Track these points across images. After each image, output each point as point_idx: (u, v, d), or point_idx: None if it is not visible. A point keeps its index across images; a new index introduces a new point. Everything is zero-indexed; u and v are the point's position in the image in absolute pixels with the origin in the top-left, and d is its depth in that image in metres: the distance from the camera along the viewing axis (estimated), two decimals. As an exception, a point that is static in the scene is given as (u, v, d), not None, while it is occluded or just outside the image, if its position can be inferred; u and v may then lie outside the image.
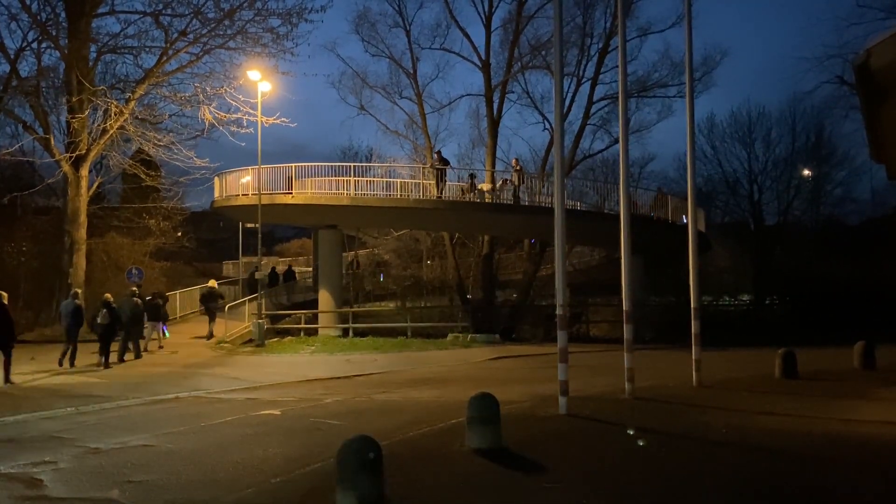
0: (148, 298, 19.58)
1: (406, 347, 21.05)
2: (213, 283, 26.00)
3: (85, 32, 22.88)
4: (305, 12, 22.75)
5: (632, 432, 7.71)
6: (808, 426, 8.09)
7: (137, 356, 17.66)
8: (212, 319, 22.98)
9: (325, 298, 27.31)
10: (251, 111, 22.95)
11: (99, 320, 16.44)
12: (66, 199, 23.50)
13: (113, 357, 16.65)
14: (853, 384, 11.45)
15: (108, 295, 17.43)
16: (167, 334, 21.19)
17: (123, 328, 17.20)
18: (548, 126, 33.57)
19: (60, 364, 15.71)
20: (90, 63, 23.54)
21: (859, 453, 6.76)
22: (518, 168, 26.54)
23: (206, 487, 6.11)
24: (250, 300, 25.45)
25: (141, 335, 18.53)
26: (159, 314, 20.16)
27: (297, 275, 40.47)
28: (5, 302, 13.36)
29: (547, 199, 25.61)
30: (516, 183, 25.82)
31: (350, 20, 53.19)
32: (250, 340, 22.22)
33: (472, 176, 26.64)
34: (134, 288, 19.53)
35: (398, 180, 26.50)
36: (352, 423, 8.76)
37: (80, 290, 18.49)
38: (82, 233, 23.36)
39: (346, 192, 25.30)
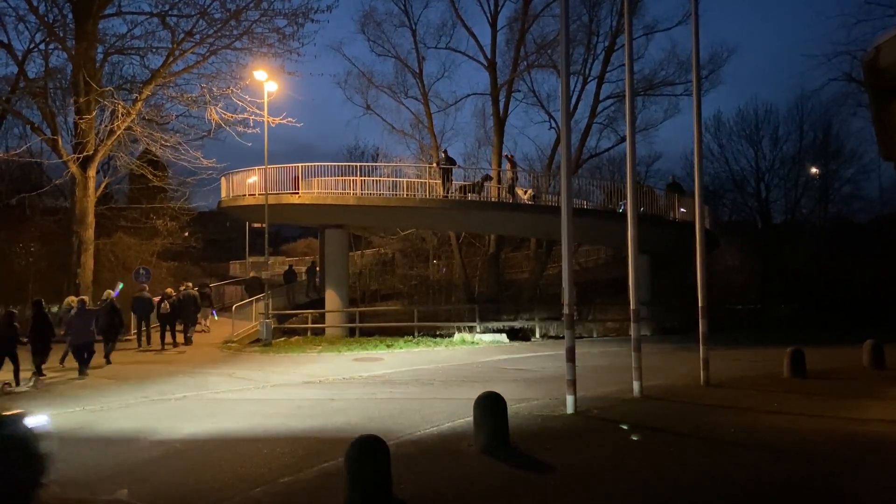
0: (195, 289, 22.99)
1: (413, 347, 21.05)
2: (252, 274, 27.80)
3: (92, 33, 22.92)
4: (311, 12, 22.71)
5: (625, 427, 7.69)
6: (817, 425, 8.05)
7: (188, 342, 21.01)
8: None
9: (331, 298, 27.33)
10: (257, 111, 22.97)
11: (161, 310, 20.02)
12: (74, 200, 23.57)
13: (178, 338, 20.54)
14: (862, 383, 11.39)
15: (169, 290, 21.35)
16: (216, 317, 24.69)
17: (185, 317, 20.94)
18: (554, 125, 33.62)
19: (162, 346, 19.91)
20: (97, 64, 23.59)
21: (869, 453, 6.72)
22: (511, 161, 26.35)
23: (214, 487, 6.13)
24: (257, 300, 25.51)
25: (196, 321, 22.17)
26: (210, 302, 24.58)
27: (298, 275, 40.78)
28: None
29: (553, 198, 25.56)
30: (510, 177, 25.70)
31: (356, 20, 53.37)
32: (258, 340, 22.26)
33: (486, 178, 26.53)
34: (189, 283, 23.19)
35: (404, 180, 26.46)
36: (359, 423, 8.76)
37: (147, 287, 21.32)
38: (90, 233, 23.43)
39: (352, 191, 25.31)
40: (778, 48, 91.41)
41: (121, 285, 20.11)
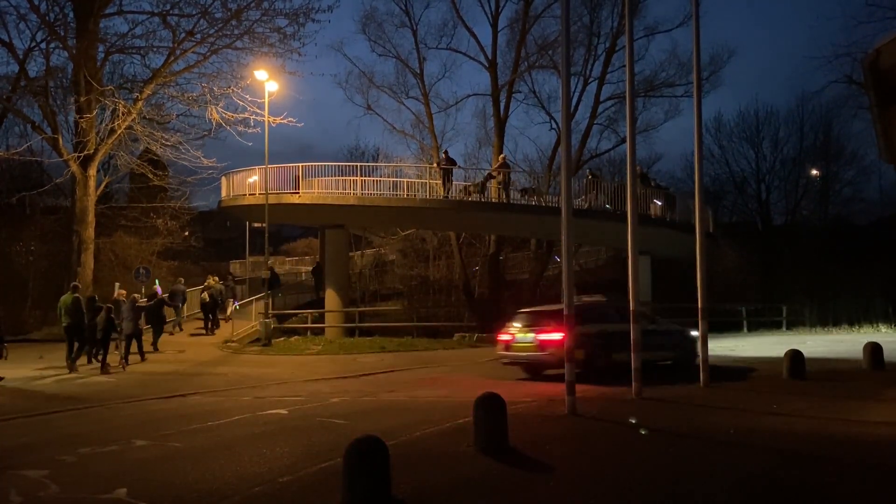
0: (219, 282, 25.62)
1: (412, 347, 21.05)
2: (271, 264, 30.03)
3: (93, 32, 22.95)
4: (312, 12, 22.79)
5: (633, 420, 7.67)
6: (816, 427, 8.05)
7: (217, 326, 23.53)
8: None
9: (331, 298, 27.32)
10: (258, 111, 23.00)
11: (203, 300, 23.23)
12: (75, 199, 23.59)
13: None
14: (862, 385, 11.39)
15: (211, 281, 24.18)
16: (238, 307, 25.50)
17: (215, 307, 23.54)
18: (555, 126, 33.61)
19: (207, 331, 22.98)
20: (98, 63, 23.62)
21: (868, 455, 6.72)
22: (502, 162, 26.24)
23: (213, 486, 6.12)
24: (257, 299, 25.52)
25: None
26: (233, 293, 26.97)
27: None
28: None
29: (554, 198, 25.56)
30: (500, 179, 25.58)
31: (357, 20, 53.38)
32: (257, 340, 22.24)
33: (488, 176, 26.46)
34: (215, 276, 25.92)
35: (405, 180, 26.46)
36: (358, 423, 8.75)
37: (182, 279, 24.74)
38: (90, 232, 23.44)
39: (352, 191, 25.30)
40: (779, 50, 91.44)
41: (157, 281, 22.71)
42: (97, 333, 15.48)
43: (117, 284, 20.57)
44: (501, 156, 27.62)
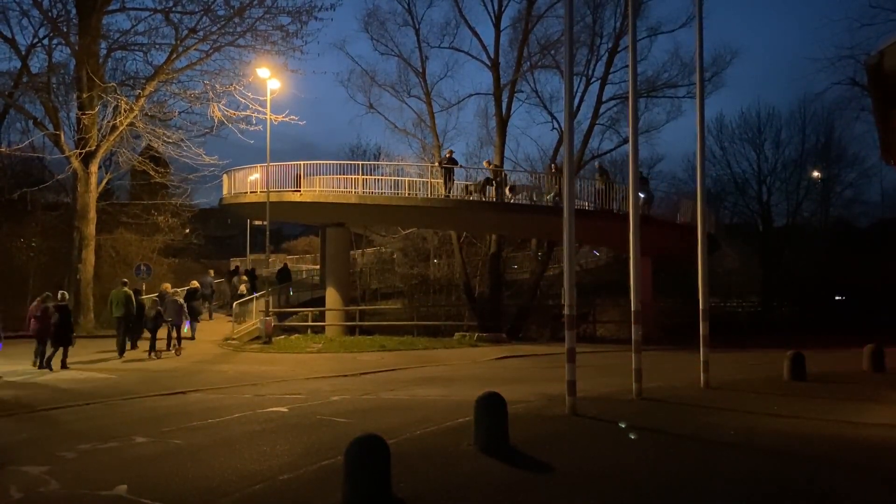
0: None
1: (413, 346, 21.05)
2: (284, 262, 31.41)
3: (95, 29, 22.95)
4: (315, 10, 22.79)
5: (623, 425, 7.67)
6: (816, 429, 8.05)
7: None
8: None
9: (332, 296, 27.32)
10: (260, 109, 23.00)
11: (237, 292, 26.23)
12: (76, 195, 23.60)
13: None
14: (862, 387, 11.38)
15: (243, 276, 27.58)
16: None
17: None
18: (556, 126, 33.52)
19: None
20: (100, 59, 23.62)
21: (867, 457, 6.72)
22: (492, 167, 26.22)
23: (213, 483, 6.13)
24: (258, 297, 25.53)
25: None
26: (255, 287, 27.57)
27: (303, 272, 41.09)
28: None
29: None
30: (492, 184, 25.48)
31: (359, 18, 53.30)
32: (258, 337, 22.23)
33: (487, 180, 26.43)
34: (244, 273, 28.96)
35: (406, 179, 26.41)
36: (359, 421, 8.77)
37: (212, 271, 28.09)
38: (91, 229, 23.45)
39: (354, 190, 25.27)
40: (781, 51, 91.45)
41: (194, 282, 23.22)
42: (147, 323, 17.31)
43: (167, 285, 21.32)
44: (486, 161, 27.76)
